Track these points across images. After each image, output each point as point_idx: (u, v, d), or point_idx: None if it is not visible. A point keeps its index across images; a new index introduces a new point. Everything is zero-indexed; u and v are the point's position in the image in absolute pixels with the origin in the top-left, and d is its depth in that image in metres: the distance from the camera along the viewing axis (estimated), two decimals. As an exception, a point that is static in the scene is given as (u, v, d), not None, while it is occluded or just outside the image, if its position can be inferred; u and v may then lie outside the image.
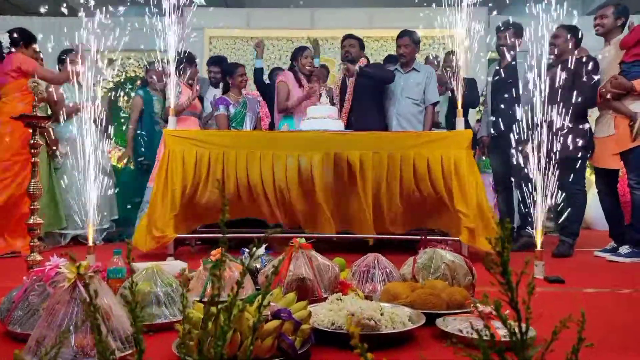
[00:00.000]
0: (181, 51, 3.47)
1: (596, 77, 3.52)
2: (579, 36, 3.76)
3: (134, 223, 4.13)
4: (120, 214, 4.61)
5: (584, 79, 3.51)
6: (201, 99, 4.52)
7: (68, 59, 3.85)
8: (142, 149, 4.57)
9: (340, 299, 1.64)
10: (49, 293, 1.52)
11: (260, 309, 0.59)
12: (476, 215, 3.22)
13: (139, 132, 4.61)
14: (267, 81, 4.81)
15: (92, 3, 3.25)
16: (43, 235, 3.99)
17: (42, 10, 5.26)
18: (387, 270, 2.13)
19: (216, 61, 4.82)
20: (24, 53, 3.88)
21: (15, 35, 3.88)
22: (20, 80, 3.78)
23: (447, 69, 4.52)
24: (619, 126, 3.46)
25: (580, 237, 3.75)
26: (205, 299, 1.30)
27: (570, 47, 3.67)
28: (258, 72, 4.62)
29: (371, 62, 4.43)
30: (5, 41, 3.90)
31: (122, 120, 6.79)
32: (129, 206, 4.60)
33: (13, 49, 3.87)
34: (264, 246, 2.32)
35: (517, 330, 0.55)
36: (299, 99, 4.21)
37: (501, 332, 1.33)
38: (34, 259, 2.31)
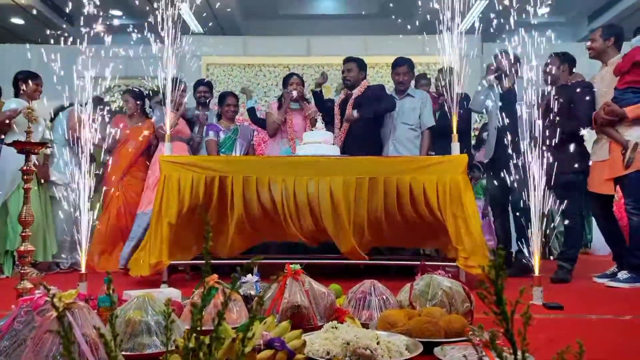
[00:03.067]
0: (176, 78, 3.49)
1: (591, 101, 3.54)
2: (572, 62, 3.80)
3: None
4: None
5: (579, 104, 3.53)
6: (191, 125, 4.48)
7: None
8: None
9: (336, 327, 1.60)
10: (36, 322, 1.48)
11: (243, 342, 0.57)
12: (471, 241, 3.19)
13: None
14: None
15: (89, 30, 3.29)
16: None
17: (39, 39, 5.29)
18: (384, 297, 2.10)
19: (204, 82, 4.82)
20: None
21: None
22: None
23: (441, 87, 4.55)
24: (614, 151, 3.45)
25: (578, 262, 3.72)
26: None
27: (563, 73, 3.70)
28: (251, 111, 4.75)
29: (372, 84, 4.44)
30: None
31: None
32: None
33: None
34: (255, 269, 2.28)
35: (513, 362, 0.53)
36: (272, 124, 4.42)
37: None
38: (24, 287, 2.26)
